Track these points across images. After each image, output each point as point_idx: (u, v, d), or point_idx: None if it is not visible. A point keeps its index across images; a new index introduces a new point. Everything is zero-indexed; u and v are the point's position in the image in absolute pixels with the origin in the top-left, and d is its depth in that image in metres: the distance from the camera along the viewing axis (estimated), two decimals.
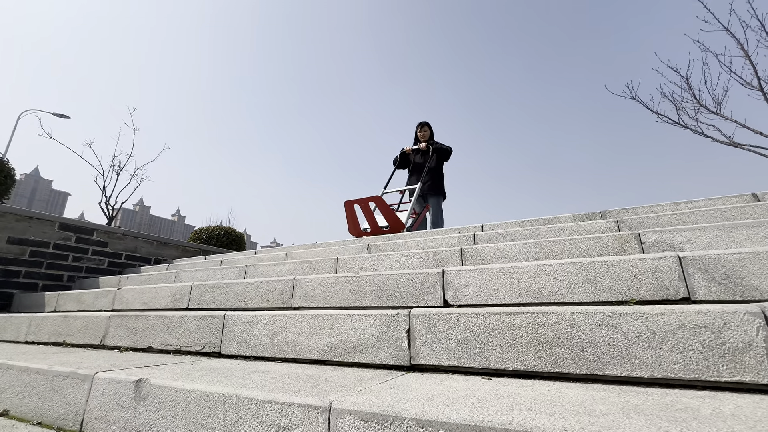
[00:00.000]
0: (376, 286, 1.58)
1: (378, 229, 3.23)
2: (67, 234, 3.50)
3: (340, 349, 1.11)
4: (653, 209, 2.22)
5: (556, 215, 2.46)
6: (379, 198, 3.11)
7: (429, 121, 4.61)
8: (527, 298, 1.30)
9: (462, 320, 0.98)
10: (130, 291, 2.37)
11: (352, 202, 3.22)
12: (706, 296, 1.08)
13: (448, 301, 1.43)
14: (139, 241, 4.11)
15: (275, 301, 1.81)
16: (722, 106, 8.07)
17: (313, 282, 1.74)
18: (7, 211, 3.15)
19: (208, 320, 1.40)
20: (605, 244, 1.58)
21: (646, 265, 1.16)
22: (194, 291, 2.10)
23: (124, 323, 1.63)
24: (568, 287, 1.25)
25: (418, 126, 4.59)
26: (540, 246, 1.70)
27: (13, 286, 3.11)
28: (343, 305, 1.63)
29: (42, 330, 1.93)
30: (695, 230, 1.46)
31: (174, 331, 1.47)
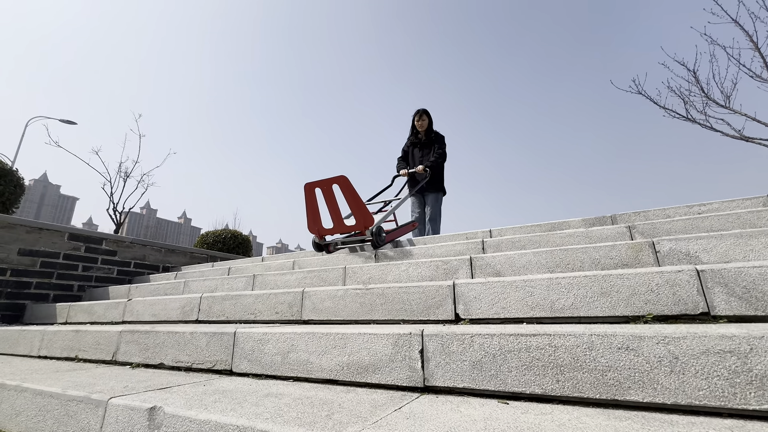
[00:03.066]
0: (386, 298, 1.57)
1: (342, 226, 2.55)
2: (76, 244, 3.54)
3: (353, 369, 1.10)
4: (665, 213, 2.18)
5: (566, 219, 2.43)
6: (345, 179, 2.36)
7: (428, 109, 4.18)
8: (540, 312, 1.28)
9: (476, 341, 0.96)
10: (140, 302, 2.39)
11: (312, 185, 2.45)
12: (727, 311, 1.05)
13: (459, 315, 1.41)
14: (147, 249, 4.14)
15: (284, 314, 1.81)
16: (731, 100, 7.93)
17: (322, 294, 1.73)
18: (18, 223, 3.19)
19: (219, 337, 1.40)
20: (618, 253, 1.55)
21: (663, 279, 1.14)
22: (203, 303, 2.10)
23: (135, 339, 1.64)
24: (582, 301, 1.22)
25: (415, 114, 4.17)
26: (551, 255, 1.67)
27: (24, 297, 3.14)
28: (353, 318, 1.62)
29: (54, 345, 1.94)
30: (711, 238, 1.42)
31: (185, 348, 1.47)
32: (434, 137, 4.11)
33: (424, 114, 4.13)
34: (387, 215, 2.95)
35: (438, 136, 4.12)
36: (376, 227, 2.51)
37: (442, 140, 4.10)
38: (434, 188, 3.98)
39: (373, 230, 2.49)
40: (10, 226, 3.13)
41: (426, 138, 4.12)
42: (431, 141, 4.10)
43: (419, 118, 4.12)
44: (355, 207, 2.43)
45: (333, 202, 2.44)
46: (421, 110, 4.14)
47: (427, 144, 4.12)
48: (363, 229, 2.46)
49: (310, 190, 2.46)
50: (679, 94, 8.66)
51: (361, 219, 2.46)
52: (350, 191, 2.37)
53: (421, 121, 4.11)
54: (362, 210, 2.44)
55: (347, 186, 2.35)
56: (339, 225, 2.54)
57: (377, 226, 2.53)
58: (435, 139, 4.09)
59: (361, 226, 2.48)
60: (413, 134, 4.22)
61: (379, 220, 2.67)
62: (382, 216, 2.85)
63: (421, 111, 4.14)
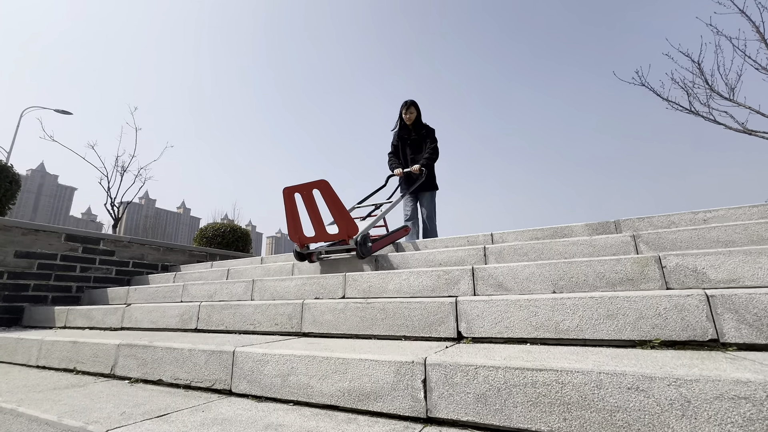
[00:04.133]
0: (386, 314, 1.55)
1: (324, 234, 2.34)
2: (73, 245, 3.50)
3: (354, 396, 1.08)
4: (670, 219, 2.15)
5: (569, 224, 2.39)
6: (325, 184, 2.14)
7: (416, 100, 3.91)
8: (544, 332, 1.25)
9: (481, 373, 0.94)
10: (138, 309, 2.37)
11: (291, 190, 2.23)
12: (737, 339, 1.03)
13: (461, 333, 1.39)
14: (145, 248, 4.11)
15: (284, 325, 1.79)
16: (735, 92, 7.84)
17: (322, 307, 1.71)
18: (13, 225, 3.15)
19: (218, 356, 1.38)
20: (624, 267, 1.52)
21: (672, 303, 1.11)
22: (202, 311, 2.08)
23: (133, 353, 1.62)
24: (588, 323, 1.20)
25: (403, 106, 3.90)
26: (555, 268, 1.64)
27: (22, 299, 3.12)
28: (354, 333, 1.60)
29: (52, 355, 1.92)
30: (719, 254, 1.39)
31: (183, 365, 1.45)
32: (425, 132, 3.90)
33: (412, 106, 3.87)
34: (374, 222, 2.73)
35: (429, 130, 3.92)
36: (360, 236, 2.33)
37: (433, 134, 3.90)
38: (428, 186, 3.82)
39: (358, 239, 2.31)
40: (6, 228, 3.09)
41: (416, 132, 3.91)
42: (422, 136, 3.90)
43: (407, 110, 3.87)
44: (337, 214, 2.23)
45: (314, 209, 2.23)
46: (408, 102, 3.88)
47: (417, 140, 3.91)
48: (346, 237, 2.28)
49: (289, 195, 2.25)
50: (683, 86, 8.55)
51: (344, 227, 2.25)
52: (331, 197, 2.17)
53: (409, 114, 3.87)
54: (345, 217, 2.23)
55: (328, 191, 2.14)
56: (321, 233, 2.34)
57: (362, 234, 2.35)
58: (426, 134, 3.89)
59: (344, 234, 2.28)
60: (401, 128, 3.99)
61: (364, 229, 2.46)
62: (368, 224, 2.61)
63: (409, 103, 3.88)
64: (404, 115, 3.89)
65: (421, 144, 3.89)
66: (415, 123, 3.90)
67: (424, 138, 3.87)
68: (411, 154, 3.93)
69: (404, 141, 3.98)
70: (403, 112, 3.89)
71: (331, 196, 2.15)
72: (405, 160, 3.97)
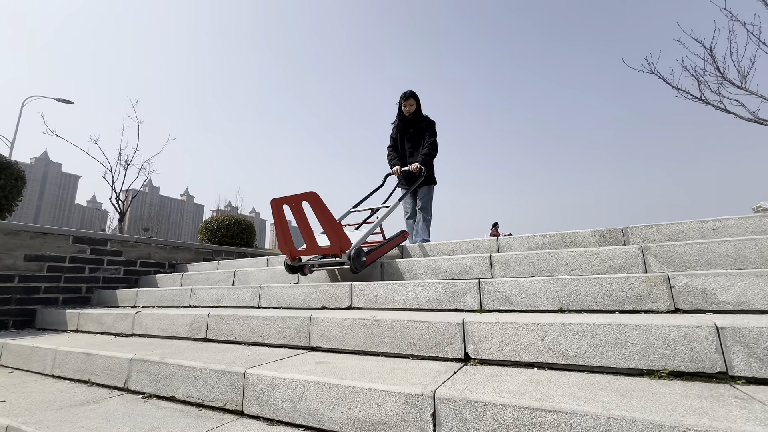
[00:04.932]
0: (394, 331, 1.56)
1: (315, 248, 2.26)
2: (81, 246, 3.54)
3: (363, 425, 1.10)
4: (678, 228, 2.13)
5: (575, 231, 2.38)
6: (315, 196, 2.03)
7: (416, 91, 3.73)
8: (552, 357, 1.26)
9: (490, 410, 0.95)
10: (148, 316, 2.40)
11: (279, 202, 2.14)
12: (746, 372, 1.03)
13: (469, 354, 1.40)
14: (152, 248, 4.15)
15: (292, 339, 1.82)
16: (748, 80, 7.64)
17: (329, 322, 1.72)
18: (21, 229, 3.18)
19: (229, 376, 1.40)
20: (632, 286, 1.52)
21: (681, 334, 1.11)
22: (211, 321, 2.11)
23: (145, 369, 1.65)
24: (596, 350, 1.21)
25: (402, 97, 3.73)
26: (562, 284, 1.64)
27: (34, 302, 3.18)
28: (362, 349, 1.62)
29: (67, 366, 1.97)
30: (729, 276, 1.38)
31: (195, 384, 1.48)
32: (425, 125, 3.74)
33: (411, 97, 3.70)
34: (369, 232, 2.58)
35: (428, 122, 3.75)
36: (354, 250, 2.23)
37: (433, 127, 3.73)
38: (426, 182, 3.70)
39: (351, 254, 2.21)
40: (14, 233, 3.12)
41: (415, 125, 3.75)
42: (421, 129, 3.74)
43: (406, 102, 3.71)
44: (328, 228, 2.14)
45: (304, 221, 2.14)
46: (407, 93, 3.72)
47: (416, 133, 3.75)
48: (339, 252, 2.21)
49: (277, 206, 2.17)
50: (694, 74, 8.34)
51: (336, 241, 2.17)
52: (322, 210, 2.07)
53: (408, 106, 3.71)
54: (336, 231, 2.15)
55: (318, 204, 2.04)
56: (312, 246, 2.26)
57: (356, 249, 2.26)
58: (426, 126, 3.73)
59: (336, 248, 2.19)
60: (401, 120, 3.83)
61: (358, 241, 2.35)
62: (361, 236, 2.46)
63: (408, 94, 3.71)
64: (403, 107, 3.74)
65: (421, 137, 3.74)
66: (414, 115, 3.75)
67: (423, 131, 3.73)
68: (410, 147, 3.81)
69: (403, 134, 3.84)
70: (402, 103, 3.74)
71: (322, 209, 2.07)
72: (404, 153, 3.86)
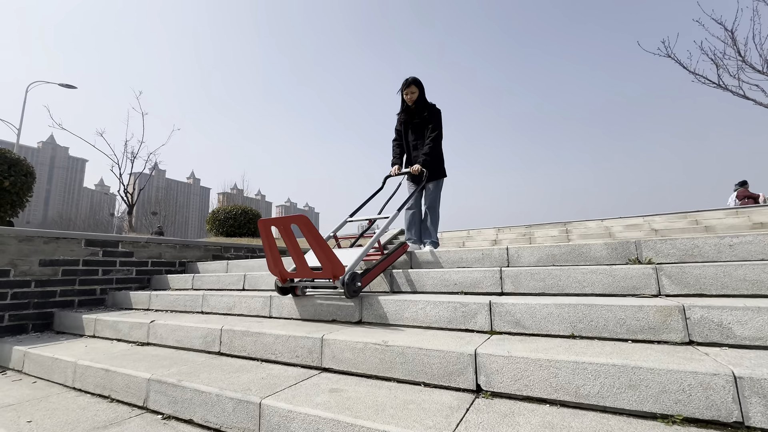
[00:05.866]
0: (405, 358, 1.58)
1: (307, 271, 2.14)
2: (94, 249, 3.59)
3: None
4: (694, 242, 2.09)
5: (587, 242, 2.35)
6: (305, 219, 1.92)
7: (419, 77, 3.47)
8: (564, 395, 1.27)
9: None
10: (162, 326, 2.46)
11: (267, 223, 2.07)
12: (763, 423, 1.03)
13: (480, 386, 1.41)
14: (162, 247, 4.20)
15: (305, 358, 1.85)
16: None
17: (341, 345, 1.75)
18: (35, 234, 3.22)
19: (245, 405, 1.44)
20: (646, 316, 1.50)
21: (697, 381, 1.11)
22: (224, 335, 2.15)
23: (163, 390, 1.70)
24: (609, 391, 1.21)
25: (403, 85, 3.48)
26: (574, 310, 1.63)
27: (51, 305, 3.26)
28: (373, 373, 1.64)
29: (87, 379, 2.03)
30: (747, 310, 1.36)
31: (212, 409, 1.52)
32: (428, 115, 3.50)
33: (413, 84, 3.44)
34: (365, 251, 2.39)
35: (432, 111, 3.51)
36: (348, 276, 2.09)
37: (437, 117, 3.50)
38: (433, 176, 3.46)
39: (345, 280, 2.07)
40: (28, 239, 3.17)
41: (418, 115, 3.53)
42: (425, 119, 3.51)
43: (407, 89, 3.47)
44: (320, 253, 2.01)
45: (294, 244, 2.05)
46: (409, 80, 3.45)
47: (420, 124, 3.54)
48: (332, 277, 2.09)
49: (265, 227, 2.09)
50: (712, 57, 8.01)
51: (329, 266, 2.04)
52: (312, 234, 1.94)
53: (410, 94, 3.47)
54: (329, 256, 2.01)
55: (308, 227, 1.92)
56: (303, 269, 2.15)
57: (350, 274, 2.11)
58: (429, 116, 3.49)
59: (328, 273, 2.07)
60: (403, 110, 3.61)
61: (351, 265, 2.17)
62: (356, 258, 2.28)
63: (410, 81, 3.45)
64: (405, 95, 3.51)
65: (425, 128, 3.53)
66: (417, 104, 3.51)
67: (427, 122, 3.51)
68: (414, 140, 3.60)
69: (407, 125, 3.62)
70: (404, 92, 3.50)
71: (312, 233, 1.95)
72: (407, 146, 3.67)
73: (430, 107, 3.53)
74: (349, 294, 2.10)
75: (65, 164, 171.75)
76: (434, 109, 3.54)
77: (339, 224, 2.96)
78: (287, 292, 2.42)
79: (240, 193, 54.02)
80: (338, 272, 2.06)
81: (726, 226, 6.74)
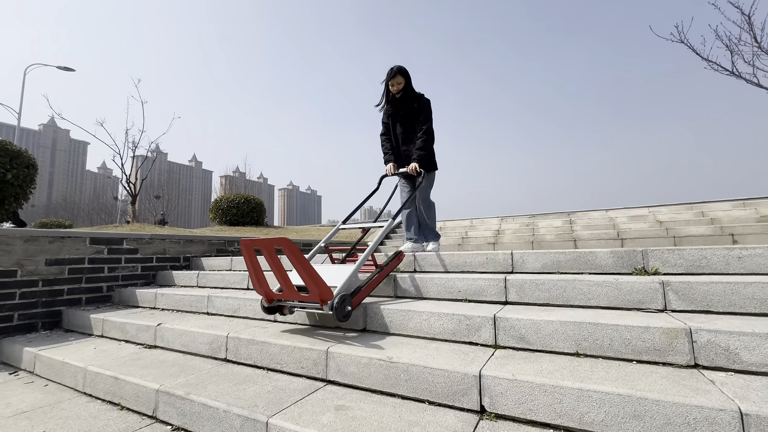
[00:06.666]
0: (410, 375, 1.59)
1: (294, 293, 2.02)
2: (98, 247, 3.61)
3: None
4: (702, 253, 2.07)
5: (593, 250, 2.33)
6: (287, 242, 1.76)
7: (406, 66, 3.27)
8: (569, 421, 1.28)
9: None
10: (169, 330, 2.49)
11: (249, 243, 1.96)
12: None
13: (485, 407, 1.43)
14: (166, 243, 4.22)
15: (310, 370, 1.87)
16: None
17: (346, 359, 1.76)
18: (40, 234, 3.23)
19: (252, 423, 1.46)
20: (651, 337, 1.50)
21: (703, 415, 1.11)
22: (230, 343, 2.18)
23: (171, 402, 1.73)
24: (613, 420, 1.21)
25: (388, 74, 3.24)
26: (579, 328, 1.63)
27: (59, 303, 3.31)
28: (378, 388, 1.66)
29: (97, 386, 2.07)
30: (755, 336, 1.35)
31: (220, 424, 1.55)
32: (417, 106, 3.28)
33: (398, 74, 3.21)
34: (356, 270, 2.21)
35: (421, 102, 3.29)
36: (337, 299, 1.96)
37: (427, 109, 3.30)
38: (426, 169, 3.28)
39: (334, 305, 1.94)
40: (33, 239, 3.18)
41: (406, 107, 3.31)
42: (414, 112, 3.29)
43: (393, 79, 3.23)
44: (306, 276, 1.88)
45: (278, 266, 1.92)
46: (394, 69, 3.22)
47: (408, 116, 3.31)
48: (319, 302, 1.96)
49: (247, 248, 1.98)
50: (727, 43, 7.74)
51: (315, 290, 1.91)
52: (297, 257, 1.80)
53: (396, 85, 3.24)
54: (315, 280, 1.88)
55: (292, 251, 1.77)
56: (290, 292, 2.04)
57: (339, 296, 1.98)
58: (419, 108, 3.28)
59: (315, 298, 1.94)
60: (389, 101, 3.39)
61: (340, 287, 2.03)
62: (345, 278, 2.11)
63: (395, 70, 3.21)
64: (391, 86, 3.28)
65: (413, 120, 3.32)
66: (404, 94, 3.29)
67: (416, 113, 3.30)
68: (402, 133, 3.39)
69: (394, 118, 3.41)
70: (389, 82, 3.26)
71: (297, 257, 1.81)
72: (396, 140, 3.45)
73: (419, 97, 3.32)
74: (339, 318, 1.97)
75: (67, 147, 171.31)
76: (423, 99, 3.33)
77: (331, 232, 2.85)
78: (274, 312, 2.28)
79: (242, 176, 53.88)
80: (326, 297, 1.94)
81: (732, 218, 6.67)
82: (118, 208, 44.25)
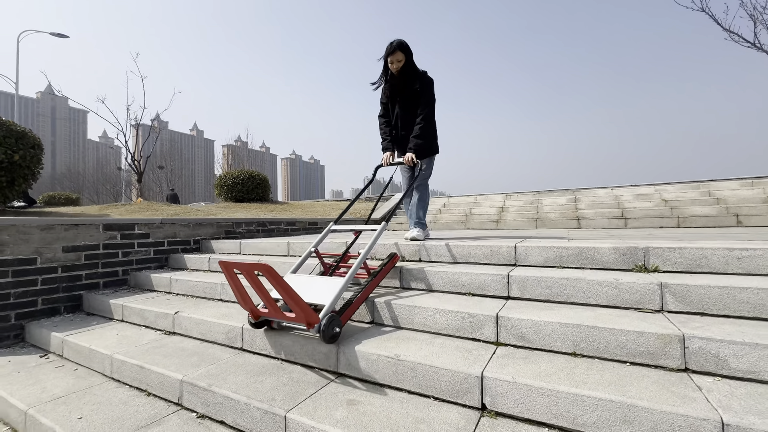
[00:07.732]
0: (416, 372, 1.70)
1: (279, 314, 1.92)
2: (111, 233, 3.71)
3: None
4: (702, 252, 2.11)
5: (595, 245, 2.38)
6: (269, 269, 1.67)
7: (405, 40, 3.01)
8: (563, 422, 1.39)
9: None
10: (187, 319, 2.62)
11: (230, 266, 1.83)
12: None
13: (486, 405, 1.54)
14: (176, 227, 4.31)
15: (322, 363, 1.99)
16: None
17: (356, 354, 1.87)
18: (55, 223, 3.32)
19: (271, 417, 1.60)
20: (646, 342, 1.58)
21: (687, 423, 1.20)
22: (245, 334, 2.30)
23: (195, 392, 1.88)
24: (605, 423, 1.32)
25: (387, 50, 2.99)
26: (578, 330, 1.72)
27: (79, 288, 3.46)
28: (387, 383, 1.78)
29: (124, 372, 2.23)
30: (744, 345, 1.43)
31: (242, 415, 1.69)
32: (419, 88, 3.04)
33: (398, 50, 2.95)
34: (345, 283, 2.09)
35: (423, 82, 3.05)
36: (325, 321, 1.87)
37: (429, 90, 3.08)
38: (428, 153, 3.14)
39: (321, 328, 1.86)
40: (49, 227, 3.28)
41: (406, 86, 3.07)
42: (415, 93, 3.06)
43: (392, 56, 2.97)
44: (291, 303, 1.79)
45: (260, 288, 1.81)
46: (394, 44, 2.96)
47: (408, 96, 3.08)
48: (306, 325, 1.86)
49: (227, 269, 1.86)
50: (751, 12, 7.32)
51: (301, 314, 1.81)
52: (279, 284, 1.71)
53: (396, 62, 2.99)
54: (301, 306, 1.79)
55: (274, 277, 1.68)
56: (275, 311, 1.94)
57: (327, 318, 1.88)
58: (421, 89, 3.04)
59: (301, 320, 1.84)
60: (388, 80, 3.16)
61: (327, 307, 1.93)
62: (334, 295, 2.00)
63: (395, 45, 2.95)
64: (390, 63, 3.01)
65: (415, 101, 3.08)
66: (404, 73, 3.04)
67: (417, 95, 3.07)
68: (402, 114, 3.15)
69: (393, 98, 3.17)
70: (388, 57, 3.00)
71: (279, 283, 1.71)
72: (396, 121, 3.21)
73: (421, 76, 3.07)
74: (326, 341, 1.88)
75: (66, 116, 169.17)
76: (426, 78, 3.08)
77: (323, 233, 2.76)
78: (261, 326, 2.20)
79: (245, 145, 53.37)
80: (312, 320, 1.84)
81: (739, 198, 6.64)
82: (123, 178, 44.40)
